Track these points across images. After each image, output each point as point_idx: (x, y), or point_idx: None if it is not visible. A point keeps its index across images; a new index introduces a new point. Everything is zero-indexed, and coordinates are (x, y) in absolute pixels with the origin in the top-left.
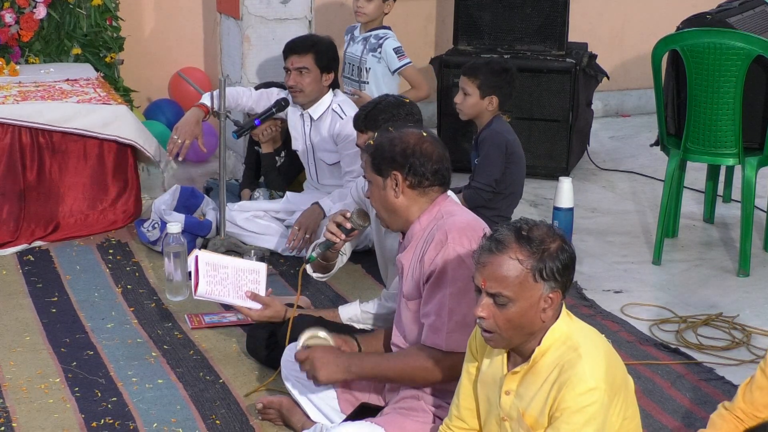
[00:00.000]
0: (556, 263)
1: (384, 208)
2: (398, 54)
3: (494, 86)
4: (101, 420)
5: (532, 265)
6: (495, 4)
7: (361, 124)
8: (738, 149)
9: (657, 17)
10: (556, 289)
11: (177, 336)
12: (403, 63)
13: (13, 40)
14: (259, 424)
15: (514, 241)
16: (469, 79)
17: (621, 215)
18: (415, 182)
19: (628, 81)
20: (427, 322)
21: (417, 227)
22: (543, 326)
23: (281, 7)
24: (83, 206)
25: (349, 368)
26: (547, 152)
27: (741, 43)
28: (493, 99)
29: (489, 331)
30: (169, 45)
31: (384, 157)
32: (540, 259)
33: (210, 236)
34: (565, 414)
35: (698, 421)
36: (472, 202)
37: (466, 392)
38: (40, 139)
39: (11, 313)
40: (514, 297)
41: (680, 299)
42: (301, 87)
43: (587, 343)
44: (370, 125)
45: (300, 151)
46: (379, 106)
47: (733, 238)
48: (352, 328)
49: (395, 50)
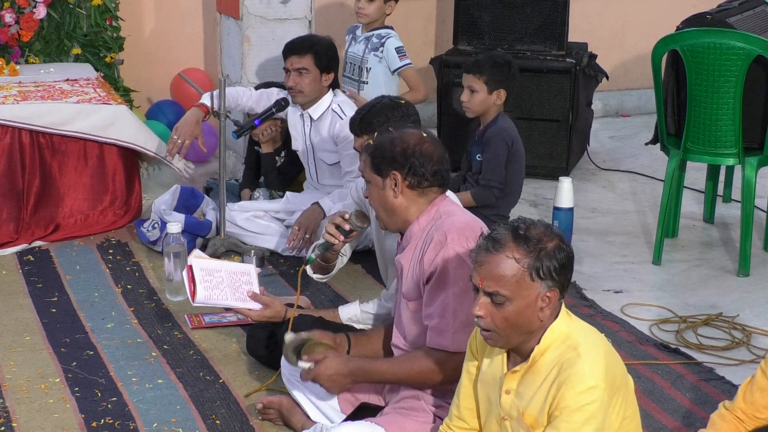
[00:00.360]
0: (553, 262)
1: (383, 209)
2: (399, 54)
3: (500, 80)
4: (101, 420)
5: (529, 264)
6: (495, 4)
7: (356, 128)
8: (738, 149)
9: (657, 17)
10: (554, 288)
11: (177, 336)
12: (404, 63)
13: (13, 40)
14: (259, 424)
15: (511, 240)
16: (475, 76)
17: (621, 215)
18: (415, 182)
19: (628, 81)
20: (431, 324)
21: (415, 228)
22: (541, 325)
23: (281, 7)
24: (83, 206)
25: (356, 379)
26: (547, 152)
27: (741, 43)
28: (501, 93)
29: (487, 329)
30: (169, 45)
31: (384, 157)
32: (537, 257)
33: (210, 236)
34: (565, 413)
35: (698, 421)
36: (482, 200)
37: (466, 392)
38: (40, 140)
39: (11, 313)
40: (511, 296)
41: (680, 299)
42: (301, 88)
43: (587, 342)
44: (365, 129)
45: (300, 152)
46: (373, 109)
47: (733, 238)
48: (351, 328)
49: (397, 50)
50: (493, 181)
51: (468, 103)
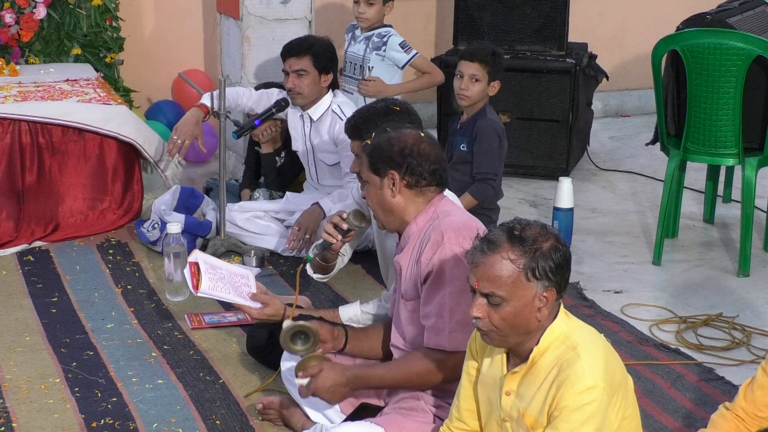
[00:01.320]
0: (549, 262)
1: (380, 208)
2: (404, 48)
3: (498, 71)
4: (101, 420)
5: (525, 264)
6: (495, 4)
7: (348, 133)
8: (738, 149)
9: (657, 17)
10: (550, 288)
11: (177, 336)
12: (412, 56)
13: (13, 41)
14: (259, 424)
15: (506, 240)
16: (480, 65)
17: (621, 215)
18: (413, 182)
19: (628, 81)
20: (428, 323)
21: (413, 228)
22: (539, 325)
23: (281, 7)
24: (83, 206)
25: (354, 387)
26: (547, 152)
27: (741, 44)
28: (496, 84)
29: (485, 330)
30: (168, 45)
31: (381, 157)
32: (532, 258)
33: (210, 236)
34: (564, 412)
35: (698, 422)
36: (482, 195)
37: (466, 394)
38: (40, 139)
39: (11, 314)
40: (507, 297)
41: (680, 299)
42: (300, 89)
43: (585, 342)
44: (356, 135)
45: (300, 152)
46: (366, 114)
47: (733, 238)
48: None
49: (401, 45)
50: (490, 173)
51: (468, 91)
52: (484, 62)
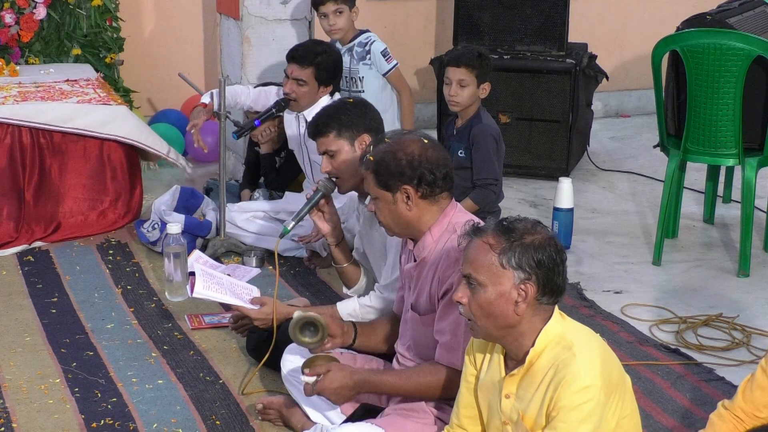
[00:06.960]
0: (529, 255)
1: (396, 224)
2: (386, 57)
3: (486, 73)
4: (101, 420)
5: (502, 249)
6: (495, 4)
7: (311, 134)
8: (738, 150)
9: (657, 17)
10: (528, 282)
11: (177, 336)
12: (392, 66)
13: (13, 41)
14: (259, 424)
15: (492, 228)
16: (467, 69)
17: (621, 216)
18: (428, 192)
19: (628, 81)
20: (442, 339)
21: (428, 240)
22: (523, 323)
23: (281, 7)
24: (83, 207)
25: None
26: (547, 153)
27: (741, 44)
28: (487, 86)
29: (468, 319)
30: (168, 45)
31: (390, 173)
32: (510, 247)
33: (210, 237)
34: (562, 412)
35: (698, 422)
36: (483, 201)
37: (465, 400)
38: (41, 140)
39: (11, 314)
40: (484, 281)
41: (680, 300)
42: (297, 96)
43: (581, 342)
44: (317, 132)
45: (296, 152)
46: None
47: (733, 238)
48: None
49: (383, 53)
50: (490, 179)
51: (457, 98)
52: (470, 66)
